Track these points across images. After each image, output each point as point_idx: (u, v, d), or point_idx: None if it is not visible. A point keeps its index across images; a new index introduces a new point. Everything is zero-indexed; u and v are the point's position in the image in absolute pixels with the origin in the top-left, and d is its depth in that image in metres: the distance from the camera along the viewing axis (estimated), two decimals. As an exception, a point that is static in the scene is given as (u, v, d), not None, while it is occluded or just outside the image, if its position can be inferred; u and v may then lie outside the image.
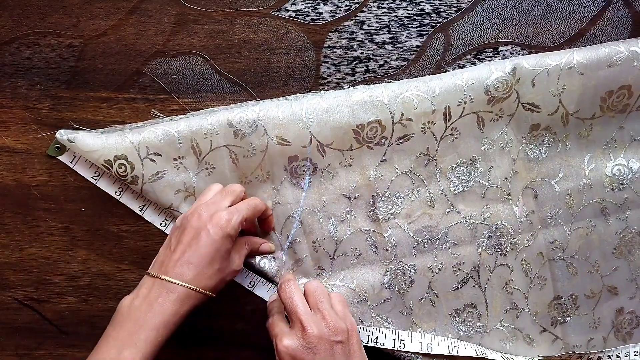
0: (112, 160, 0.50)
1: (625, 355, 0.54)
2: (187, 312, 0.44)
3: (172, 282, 0.43)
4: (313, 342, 0.43)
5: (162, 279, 0.43)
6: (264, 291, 0.53)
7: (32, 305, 0.55)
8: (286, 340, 0.43)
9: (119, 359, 0.41)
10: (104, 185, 0.53)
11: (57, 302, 0.55)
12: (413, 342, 0.52)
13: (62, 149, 0.53)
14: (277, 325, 0.46)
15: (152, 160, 0.50)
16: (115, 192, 0.53)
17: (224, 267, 0.46)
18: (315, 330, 0.43)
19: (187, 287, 0.43)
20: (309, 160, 0.52)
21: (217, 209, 0.46)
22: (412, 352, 0.52)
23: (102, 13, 0.52)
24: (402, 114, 0.50)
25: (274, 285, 0.54)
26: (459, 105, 0.50)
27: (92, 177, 0.53)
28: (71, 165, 0.53)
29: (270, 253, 0.53)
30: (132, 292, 0.45)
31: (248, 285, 0.53)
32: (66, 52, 0.52)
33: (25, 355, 0.56)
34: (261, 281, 0.54)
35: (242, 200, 0.49)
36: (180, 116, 0.52)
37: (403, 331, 0.53)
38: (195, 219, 0.45)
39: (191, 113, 0.52)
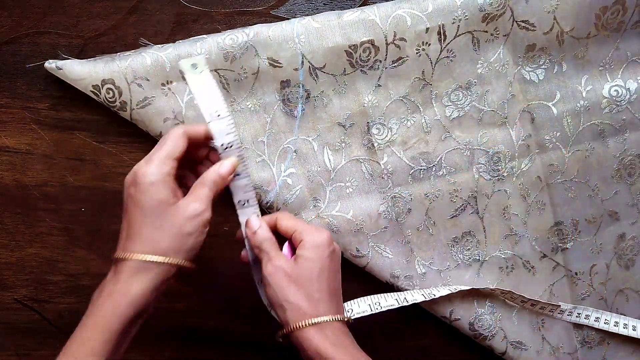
0: (100, 85, 0.49)
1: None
2: (155, 288, 0.39)
3: (125, 259, 0.39)
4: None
5: (118, 259, 0.39)
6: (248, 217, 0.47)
7: (32, 305, 0.55)
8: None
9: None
10: None
11: (57, 302, 0.55)
12: (415, 296, 0.52)
13: (199, 65, 0.44)
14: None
15: (140, 85, 0.49)
16: None
17: (172, 221, 0.39)
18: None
19: (134, 258, 0.38)
20: (301, 86, 0.51)
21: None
22: (417, 302, 0.52)
23: (102, 13, 0.52)
24: (395, 33, 0.49)
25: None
26: (453, 24, 0.50)
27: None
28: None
29: (234, 168, 0.43)
30: None
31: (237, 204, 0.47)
32: (66, 52, 0.52)
33: (25, 355, 0.56)
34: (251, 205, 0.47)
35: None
36: (170, 44, 0.51)
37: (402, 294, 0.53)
38: (124, 191, 0.41)
39: (180, 41, 0.51)
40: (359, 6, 0.52)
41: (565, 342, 0.56)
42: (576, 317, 0.55)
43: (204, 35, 0.50)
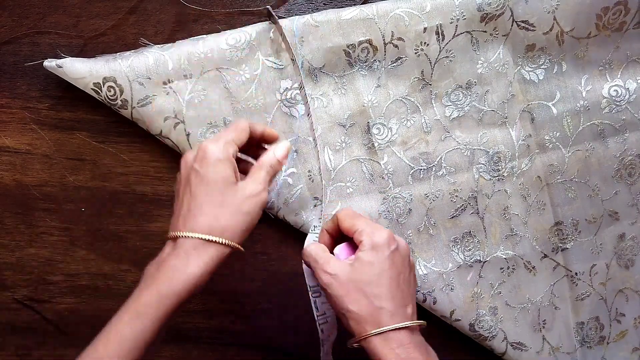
0: (101, 82, 0.49)
1: None
2: (211, 269, 0.40)
3: (186, 237, 0.39)
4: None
5: (178, 237, 0.40)
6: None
7: (32, 305, 0.55)
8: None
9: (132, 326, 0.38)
10: None
11: (57, 302, 0.55)
12: None
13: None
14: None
15: (141, 84, 0.49)
16: None
17: (232, 199, 0.40)
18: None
19: (200, 238, 0.39)
20: (302, 87, 0.51)
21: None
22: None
23: (102, 13, 0.52)
24: (392, 33, 0.50)
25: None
26: (451, 23, 0.50)
27: None
28: None
29: (288, 151, 0.45)
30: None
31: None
32: (66, 52, 0.52)
33: (25, 355, 0.56)
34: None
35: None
36: (170, 44, 0.51)
37: None
38: (183, 167, 0.42)
39: (181, 41, 0.51)
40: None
41: (565, 341, 0.56)
42: None
43: (204, 35, 0.50)
